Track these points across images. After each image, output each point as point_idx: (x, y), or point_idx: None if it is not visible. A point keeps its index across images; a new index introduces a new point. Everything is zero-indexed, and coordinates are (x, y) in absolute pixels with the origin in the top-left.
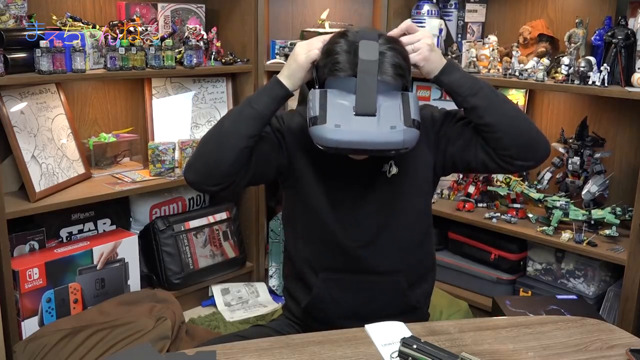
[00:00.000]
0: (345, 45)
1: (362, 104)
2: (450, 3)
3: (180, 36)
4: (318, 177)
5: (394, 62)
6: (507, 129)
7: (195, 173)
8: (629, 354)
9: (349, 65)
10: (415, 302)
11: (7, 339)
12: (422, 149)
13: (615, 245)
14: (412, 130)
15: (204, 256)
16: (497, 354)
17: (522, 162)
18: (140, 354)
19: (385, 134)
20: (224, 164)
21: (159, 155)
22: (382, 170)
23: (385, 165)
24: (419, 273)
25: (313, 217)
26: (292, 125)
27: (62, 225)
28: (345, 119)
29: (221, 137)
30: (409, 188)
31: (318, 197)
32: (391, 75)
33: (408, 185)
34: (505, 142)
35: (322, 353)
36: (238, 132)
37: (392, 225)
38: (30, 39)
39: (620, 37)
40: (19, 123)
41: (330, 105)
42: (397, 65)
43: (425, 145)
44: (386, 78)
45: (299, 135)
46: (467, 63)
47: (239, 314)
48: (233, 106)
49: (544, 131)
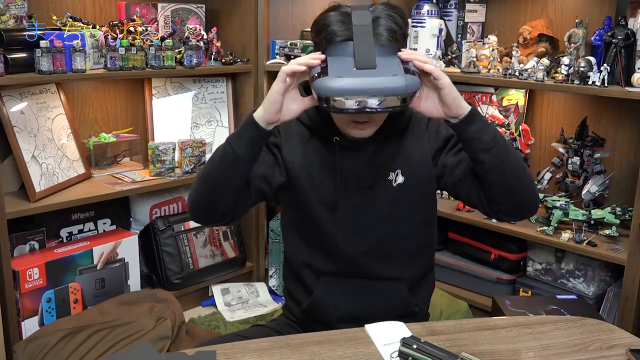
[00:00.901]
0: (338, 15)
1: (361, 59)
2: (450, 3)
3: (180, 36)
4: (319, 184)
5: (387, 26)
6: (506, 191)
7: (195, 214)
8: (629, 354)
9: (343, 31)
10: (415, 307)
11: (7, 339)
12: (426, 157)
13: (615, 245)
14: (412, 77)
15: (204, 256)
16: (497, 354)
17: (509, 218)
18: (140, 354)
19: (387, 80)
20: (220, 206)
21: (159, 155)
22: (388, 178)
23: (392, 174)
24: (420, 277)
25: (313, 223)
26: (289, 132)
27: (62, 225)
28: (347, 72)
29: (211, 183)
30: (414, 197)
31: (319, 204)
32: (386, 38)
33: (413, 194)
34: (501, 200)
35: (322, 353)
36: (225, 177)
37: (395, 234)
38: (30, 39)
39: (620, 37)
40: (19, 123)
41: (330, 62)
42: (391, 29)
43: (429, 155)
44: (381, 40)
45: (298, 141)
46: (467, 63)
47: (239, 314)
48: (233, 106)
49: (544, 131)
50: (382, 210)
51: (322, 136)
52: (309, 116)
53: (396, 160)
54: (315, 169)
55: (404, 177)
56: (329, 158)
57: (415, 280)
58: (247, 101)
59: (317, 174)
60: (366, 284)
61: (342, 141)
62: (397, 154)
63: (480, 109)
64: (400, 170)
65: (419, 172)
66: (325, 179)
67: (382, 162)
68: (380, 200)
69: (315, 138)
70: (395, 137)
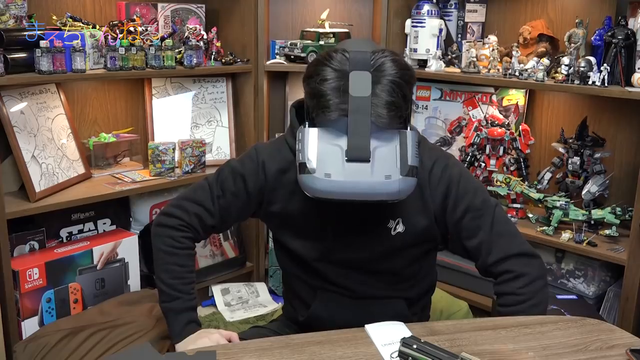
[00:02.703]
0: (334, 81)
1: (354, 149)
2: (450, 3)
3: (180, 36)
4: (312, 223)
5: (388, 100)
6: None
7: None
8: (629, 354)
9: (338, 105)
10: (413, 315)
11: (7, 339)
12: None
13: (615, 245)
14: (408, 180)
15: (204, 256)
16: (497, 354)
17: None
18: (140, 354)
19: (379, 184)
20: None
21: (159, 155)
22: (387, 226)
23: (392, 222)
24: (421, 295)
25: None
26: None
27: (62, 225)
28: (336, 167)
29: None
30: (414, 243)
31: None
32: (385, 117)
33: (413, 241)
34: None
35: (322, 353)
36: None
37: (392, 269)
38: (30, 39)
39: (620, 37)
40: (19, 123)
41: (320, 149)
42: (392, 104)
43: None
44: (380, 120)
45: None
46: (467, 63)
47: (239, 314)
48: (233, 106)
49: (544, 131)
50: (376, 253)
51: None
52: None
53: (397, 207)
54: (309, 205)
55: (404, 227)
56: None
57: (415, 299)
58: (247, 101)
59: (312, 210)
60: (364, 303)
61: None
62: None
63: (480, 108)
64: (401, 219)
65: (421, 223)
66: (320, 216)
67: (381, 208)
68: (376, 247)
69: None
70: None
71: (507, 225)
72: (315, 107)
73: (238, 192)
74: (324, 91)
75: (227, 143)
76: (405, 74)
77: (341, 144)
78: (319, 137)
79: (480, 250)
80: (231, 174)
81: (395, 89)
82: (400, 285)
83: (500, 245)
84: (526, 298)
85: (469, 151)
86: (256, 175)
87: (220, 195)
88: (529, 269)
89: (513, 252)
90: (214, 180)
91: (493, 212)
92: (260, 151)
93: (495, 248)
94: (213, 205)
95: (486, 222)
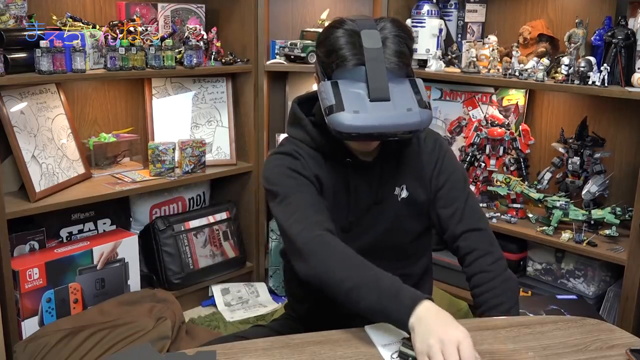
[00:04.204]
0: (347, 36)
1: (375, 90)
2: (450, 3)
3: (180, 36)
4: (335, 205)
5: (396, 49)
6: None
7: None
8: (629, 354)
9: (355, 55)
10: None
11: (7, 339)
12: (426, 175)
13: (615, 245)
14: (426, 111)
15: (204, 256)
16: (497, 354)
17: None
18: (140, 354)
19: (402, 116)
20: None
21: (159, 155)
22: (394, 193)
23: (397, 189)
24: (420, 275)
25: None
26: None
27: (62, 225)
28: (362, 105)
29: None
30: (416, 211)
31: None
32: (396, 64)
33: (415, 208)
34: None
35: (322, 353)
36: None
37: (396, 245)
38: (30, 39)
39: (620, 37)
40: (19, 123)
41: (344, 93)
42: (401, 53)
43: (429, 172)
44: (392, 66)
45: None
46: (467, 63)
47: (239, 314)
48: (233, 106)
49: (544, 131)
50: (386, 224)
51: (334, 158)
52: (316, 141)
53: (401, 174)
54: (331, 190)
55: (408, 192)
56: (343, 179)
57: (416, 278)
58: (247, 101)
59: (333, 194)
60: None
61: (354, 161)
62: (401, 169)
63: (480, 108)
64: (405, 185)
65: (421, 188)
66: (341, 199)
67: (389, 177)
68: (387, 214)
69: (329, 161)
70: (398, 151)
71: (478, 205)
72: (332, 62)
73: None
74: (340, 45)
75: (227, 143)
76: (405, 29)
77: (362, 88)
78: (340, 85)
79: (452, 218)
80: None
81: (401, 40)
82: (402, 262)
83: (471, 217)
84: (496, 274)
85: (469, 151)
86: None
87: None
88: (493, 248)
89: (480, 226)
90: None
91: (468, 190)
92: (280, 150)
93: (466, 219)
94: (319, 214)
95: (461, 196)
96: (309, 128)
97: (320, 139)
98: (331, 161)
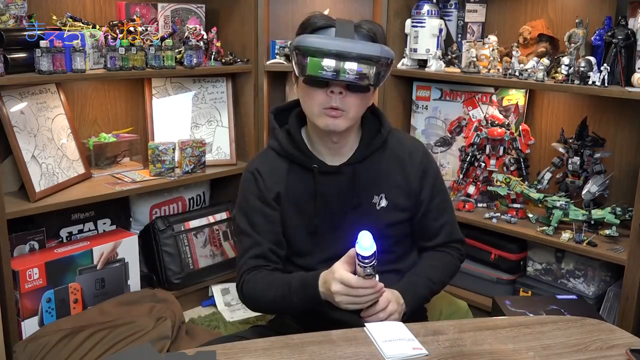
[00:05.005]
0: (323, 19)
1: (341, 29)
2: (450, 3)
3: (180, 36)
4: (301, 210)
5: (368, 27)
6: None
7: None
8: (629, 354)
9: (326, 20)
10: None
11: (7, 339)
12: (412, 189)
13: (615, 245)
14: (388, 49)
15: (204, 256)
16: (497, 354)
17: None
18: (140, 354)
19: (365, 44)
20: None
21: (159, 155)
22: (372, 202)
23: (376, 197)
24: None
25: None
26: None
27: (62, 225)
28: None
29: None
30: (395, 220)
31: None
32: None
33: (395, 217)
34: None
35: (322, 353)
36: None
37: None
38: (30, 39)
39: (620, 37)
40: (19, 123)
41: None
42: (371, 29)
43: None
44: (362, 32)
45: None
46: (467, 63)
47: (239, 314)
48: (233, 106)
49: (544, 131)
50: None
51: (301, 165)
52: (285, 148)
53: (379, 183)
54: (297, 197)
55: (387, 202)
56: (309, 185)
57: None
58: (247, 101)
59: (299, 201)
60: None
61: (321, 168)
62: (378, 178)
63: (480, 108)
64: (384, 194)
65: (402, 199)
66: (307, 204)
67: (364, 184)
68: (364, 221)
69: (295, 167)
70: (373, 158)
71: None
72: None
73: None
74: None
75: (227, 143)
76: (377, 24)
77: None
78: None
79: (441, 230)
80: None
81: (373, 27)
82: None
83: (456, 229)
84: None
85: (469, 151)
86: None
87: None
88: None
89: (461, 238)
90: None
91: (451, 204)
92: (249, 165)
93: (454, 231)
94: (261, 236)
95: (449, 209)
96: (280, 136)
97: (289, 146)
98: (298, 168)
